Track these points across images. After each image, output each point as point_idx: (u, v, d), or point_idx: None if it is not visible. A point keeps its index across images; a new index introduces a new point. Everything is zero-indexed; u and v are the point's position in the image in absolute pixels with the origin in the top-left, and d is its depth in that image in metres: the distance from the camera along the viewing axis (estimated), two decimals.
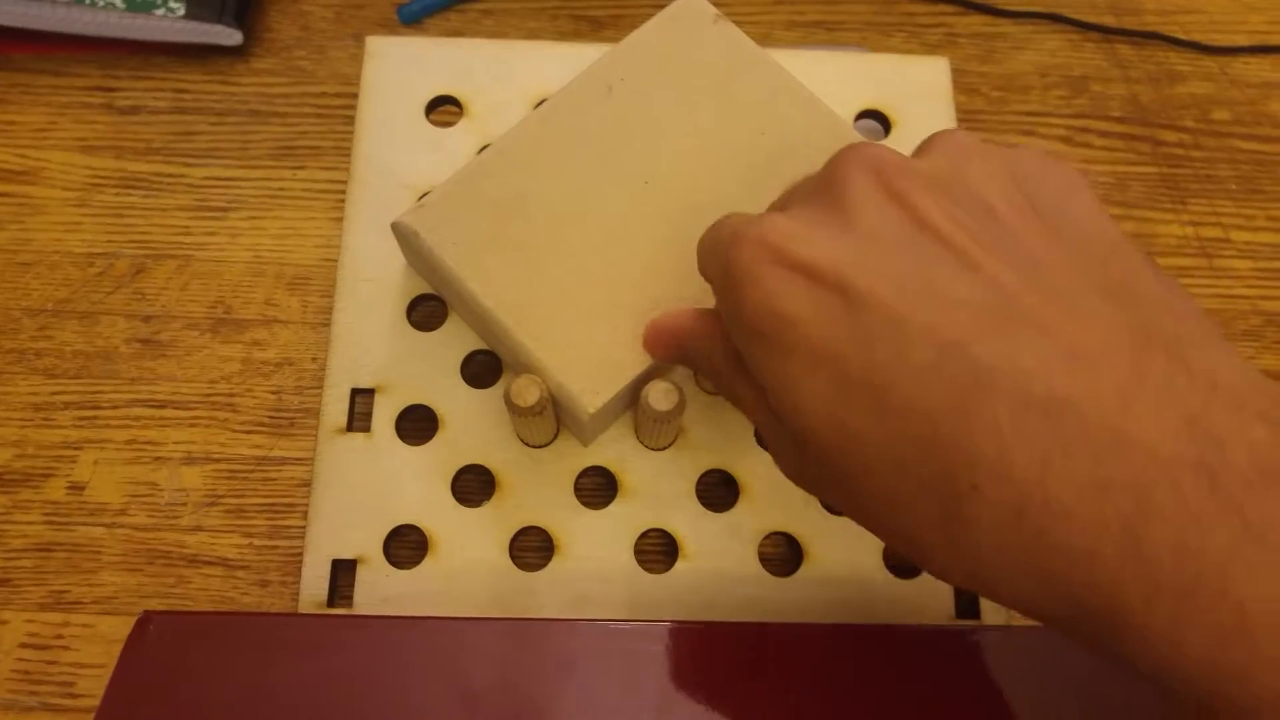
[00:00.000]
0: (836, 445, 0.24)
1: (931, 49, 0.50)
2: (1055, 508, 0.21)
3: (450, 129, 0.43)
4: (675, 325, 0.34)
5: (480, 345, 0.40)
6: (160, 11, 0.46)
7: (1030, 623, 0.24)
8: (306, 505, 0.40)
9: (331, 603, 0.37)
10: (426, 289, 0.41)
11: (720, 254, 0.27)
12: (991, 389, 0.22)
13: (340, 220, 0.44)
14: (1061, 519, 0.21)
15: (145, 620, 0.32)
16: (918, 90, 0.45)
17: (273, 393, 0.43)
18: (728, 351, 0.29)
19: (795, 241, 0.25)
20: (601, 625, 0.32)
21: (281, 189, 0.46)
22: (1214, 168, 0.48)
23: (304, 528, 0.39)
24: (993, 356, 0.22)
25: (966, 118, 0.48)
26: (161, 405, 0.42)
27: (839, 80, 0.44)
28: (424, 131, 0.43)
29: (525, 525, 0.38)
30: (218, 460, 0.41)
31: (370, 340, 0.40)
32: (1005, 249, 0.24)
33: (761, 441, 0.39)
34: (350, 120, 0.47)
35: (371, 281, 0.41)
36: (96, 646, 0.39)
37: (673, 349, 0.34)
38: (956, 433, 0.22)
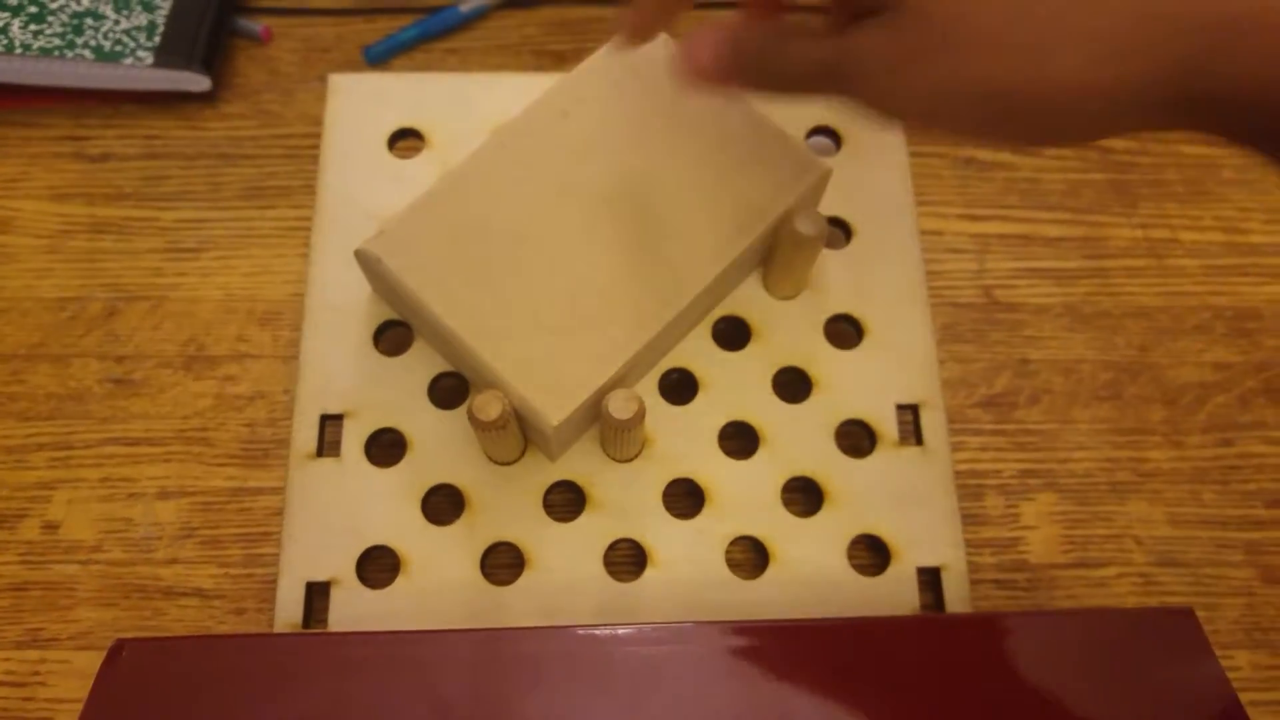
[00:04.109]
0: None
1: None
2: None
3: (412, 160, 0.44)
4: (730, 33, 0.31)
5: (446, 368, 0.41)
6: (129, 60, 0.47)
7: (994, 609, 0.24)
8: (280, 532, 0.40)
9: (307, 625, 0.37)
10: (392, 315, 0.42)
11: None
12: None
13: (310, 256, 0.45)
14: None
15: (118, 648, 0.32)
16: None
17: (245, 425, 0.43)
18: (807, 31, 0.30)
19: None
20: (570, 631, 0.33)
21: (251, 228, 0.47)
22: (1161, 172, 0.49)
23: (279, 554, 0.39)
24: None
25: None
26: (135, 443, 0.43)
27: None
28: (387, 163, 0.44)
29: (496, 541, 0.39)
30: (192, 494, 0.42)
31: (338, 367, 0.41)
32: None
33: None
34: (318, 159, 0.48)
35: (338, 310, 0.42)
36: (73, 682, 0.39)
37: (729, 58, 0.32)
38: None
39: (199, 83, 0.48)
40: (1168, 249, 0.47)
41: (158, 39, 0.47)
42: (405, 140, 0.45)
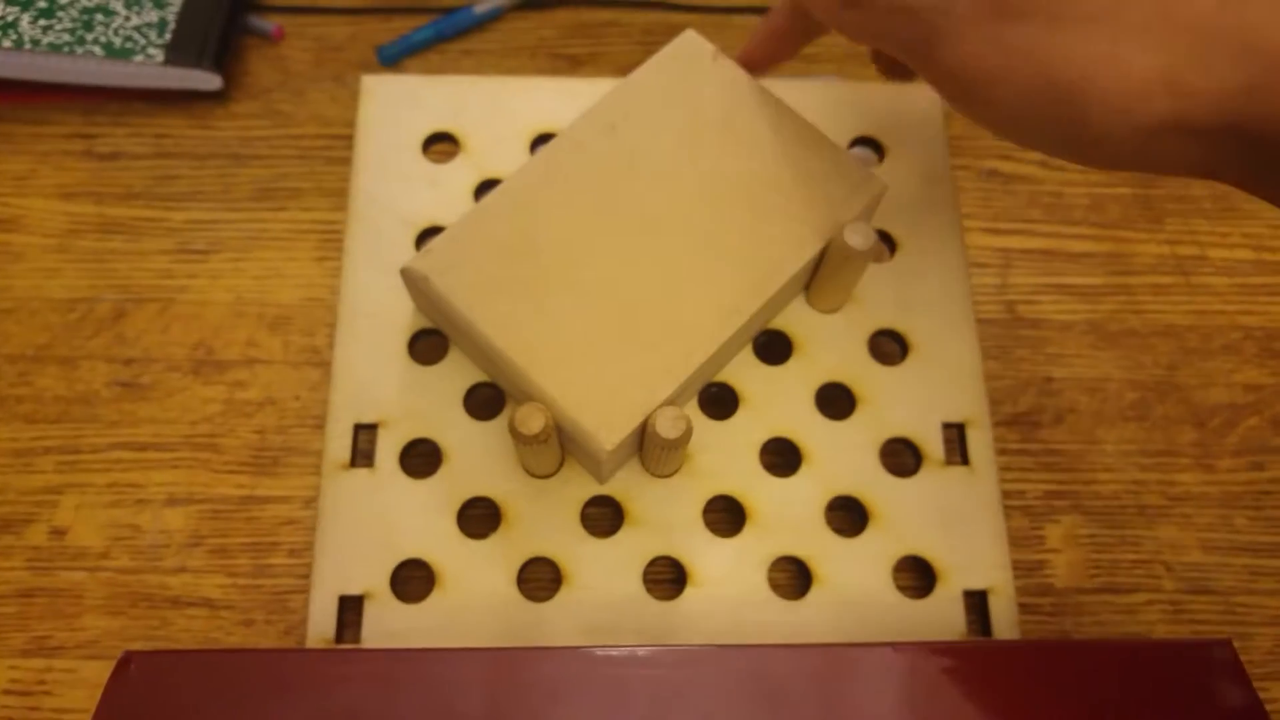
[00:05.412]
0: None
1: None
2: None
3: (447, 165, 0.44)
4: None
5: (482, 378, 0.40)
6: (139, 58, 0.45)
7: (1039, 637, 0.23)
8: (291, 543, 0.39)
9: (340, 639, 0.36)
10: (427, 323, 0.41)
11: None
12: None
13: (322, 260, 0.44)
14: None
15: (126, 660, 0.31)
16: (910, 118, 0.46)
17: (255, 432, 0.42)
18: None
19: None
20: (605, 651, 0.32)
21: (263, 230, 0.46)
22: (1188, 188, 0.48)
23: (289, 565, 0.39)
24: None
25: (952, 142, 0.48)
26: (143, 448, 0.41)
27: (829, 109, 0.45)
28: (421, 168, 0.43)
29: (532, 556, 0.38)
30: (200, 501, 0.41)
31: (372, 375, 0.40)
32: None
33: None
34: (331, 161, 0.47)
35: (372, 317, 0.41)
36: (80, 691, 0.38)
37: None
38: None
39: (210, 81, 0.47)
40: (1196, 266, 0.47)
41: (169, 36, 0.46)
42: (439, 144, 0.45)
